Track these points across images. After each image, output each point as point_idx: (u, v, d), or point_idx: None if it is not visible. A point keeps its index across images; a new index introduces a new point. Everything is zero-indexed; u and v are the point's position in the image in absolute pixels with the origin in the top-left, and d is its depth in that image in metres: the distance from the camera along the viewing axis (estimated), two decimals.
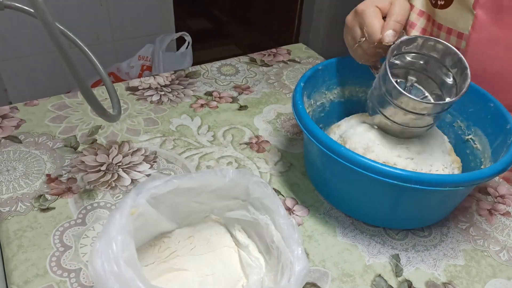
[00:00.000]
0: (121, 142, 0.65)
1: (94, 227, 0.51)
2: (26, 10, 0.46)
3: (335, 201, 0.57)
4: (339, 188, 0.54)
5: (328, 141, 0.47)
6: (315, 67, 0.59)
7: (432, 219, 0.55)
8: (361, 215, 0.55)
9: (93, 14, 1.69)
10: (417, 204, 0.51)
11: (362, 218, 0.55)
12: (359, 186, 0.51)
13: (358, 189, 0.52)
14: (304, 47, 0.96)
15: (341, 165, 0.46)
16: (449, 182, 0.44)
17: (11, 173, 0.58)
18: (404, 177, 0.43)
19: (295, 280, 0.38)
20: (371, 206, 0.53)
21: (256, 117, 0.73)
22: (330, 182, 0.55)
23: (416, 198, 0.50)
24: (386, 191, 0.49)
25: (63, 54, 0.34)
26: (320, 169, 0.56)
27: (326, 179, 0.56)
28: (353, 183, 0.51)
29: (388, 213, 0.53)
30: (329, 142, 0.46)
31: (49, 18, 0.31)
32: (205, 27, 2.95)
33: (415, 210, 0.52)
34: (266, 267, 0.44)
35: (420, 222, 0.55)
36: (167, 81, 0.81)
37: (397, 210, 0.53)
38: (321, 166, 0.55)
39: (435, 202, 0.52)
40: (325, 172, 0.55)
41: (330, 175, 0.54)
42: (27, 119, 0.68)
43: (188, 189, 0.43)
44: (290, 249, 0.40)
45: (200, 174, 0.44)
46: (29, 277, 0.46)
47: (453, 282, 0.49)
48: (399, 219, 0.54)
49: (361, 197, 0.53)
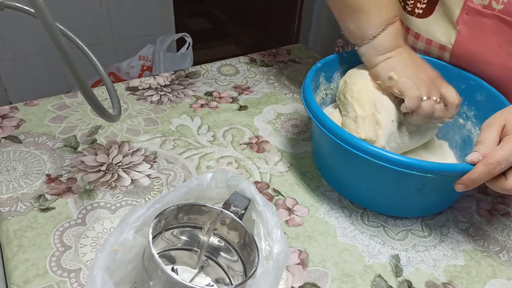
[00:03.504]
0: (121, 142, 0.65)
1: (94, 227, 0.51)
2: (26, 10, 0.46)
3: (342, 189, 0.58)
4: (346, 174, 0.56)
5: (336, 129, 0.48)
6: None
7: (433, 208, 0.57)
8: (367, 203, 0.57)
9: (93, 14, 1.69)
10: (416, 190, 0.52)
11: (369, 206, 0.57)
12: (363, 171, 0.52)
13: (363, 174, 0.53)
14: (304, 47, 0.96)
15: (348, 152, 0.47)
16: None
17: (11, 173, 0.58)
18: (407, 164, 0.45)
19: (274, 263, 0.37)
20: (377, 193, 0.55)
21: (256, 117, 0.73)
22: (336, 169, 0.57)
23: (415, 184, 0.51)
24: (391, 177, 0.51)
25: (63, 54, 0.34)
26: (327, 156, 0.58)
27: (332, 165, 0.57)
28: (357, 168, 0.53)
29: (394, 199, 0.55)
30: (337, 130, 0.48)
31: (49, 18, 0.31)
32: (205, 27, 2.95)
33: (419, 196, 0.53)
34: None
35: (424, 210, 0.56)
36: (167, 81, 0.81)
37: (404, 197, 0.54)
38: (328, 152, 0.57)
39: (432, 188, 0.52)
40: (332, 158, 0.57)
41: (337, 162, 0.56)
42: (27, 119, 0.68)
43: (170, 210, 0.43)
44: (269, 233, 0.40)
45: (177, 188, 0.43)
46: (29, 277, 0.46)
47: (453, 282, 0.49)
48: (406, 206, 0.55)
49: (365, 183, 0.54)
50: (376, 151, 0.46)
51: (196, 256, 0.45)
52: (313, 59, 0.92)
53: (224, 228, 0.43)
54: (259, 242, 0.41)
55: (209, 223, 0.44)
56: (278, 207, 0.56)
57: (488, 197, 0.61)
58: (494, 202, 0.60)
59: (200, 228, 0.44)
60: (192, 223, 0.44)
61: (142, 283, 0.38)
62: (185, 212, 0.43)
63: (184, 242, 0.45)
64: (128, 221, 0.39)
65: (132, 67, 1.69)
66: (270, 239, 0.40)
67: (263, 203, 0.43)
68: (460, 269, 0.50)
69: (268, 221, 0.41)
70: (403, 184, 0.51)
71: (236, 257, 0.44)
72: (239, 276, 0.43)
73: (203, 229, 0.44)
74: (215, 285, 0.45)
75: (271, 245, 0.39)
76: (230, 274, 0.45)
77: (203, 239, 0.45)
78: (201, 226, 0.44)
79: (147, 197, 0.56)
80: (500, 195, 0.61)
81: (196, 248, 0.45)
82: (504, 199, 0.61)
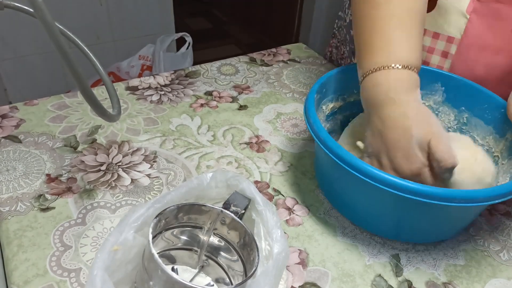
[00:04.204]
0: (121, 142, 0.65)
1: (94, 226, 0.51)
2: (26, 10, 0.46)
3: (343, 209, 0.55)
4: (350, 198, 0.53)
5: (339, 150, 0.45)
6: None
7: (442, 235, 0.54)
8: (371, 226, 0.53)
9: (93, 14, 1.69)
10: (430, 218, 0.49)
11: (370, 228, 0.54)
12: (368, 196, 0.49)
13: (367, 199, 0.50)
14: (304, 47, 0.96)
15: (353, 177, 0.44)
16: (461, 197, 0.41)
17: (11, 173, 0.58)
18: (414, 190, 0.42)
19: (274, 263, 0.37)
20: (381, 218, 0.52)
21: (256, 117, 0.73)
22: (341, 193, 0.54)
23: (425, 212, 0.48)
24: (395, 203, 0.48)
25: (63, 54, 0.34)
26: (332, 179, 0.55)
27: (337, 188, 0.54)
28: (363, 193, 0.50)
29: (399, 226, 0.51)
30: (340, 152, 0.45)
31: (49, 18, 0.31)
32: (205, 27, 2.95)
33: (429, 224, 0.50)
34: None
35: (430, 237, 0.53)
36: (167, 81, 0.81)
37: (408, 223, 0.51)
38: (332, 175, 0.54)
39: (445, 217, 0.49)
40: (335, 181, 0.54)
41: (341, 185, 0.53)
42: (27, 118, 0.68)
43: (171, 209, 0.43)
44: (269, 232, 0.40)
45: (177, 188, 0.43)
46: (29, 277, 0.46)
47: (453, 282, 0.49)
48: (408, 232, 0.52)
49: (368, 207, 0.51)
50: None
51: (196, 256, 0.45)
52: (313, 59, 0.92)
53: (224, 227, 0.43)
54: (259, 242, 0.41)
55: (209, 222, 0.44)
56: (278, 206, 0.56)
57: None
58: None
59: (200, 228, 0.44)
60: (192, 223, 0.44)
61: (142, 283, 0.38)
62: (185, 211, 0.43)
63: (184, 242, 0.45)
64: (128, 221, 0.39)
65: (132, 67, 1.69)
66: (270, 239, 0.40)
67: (263, 202, 0.43)
68: (460, 269, 0.50)
69: (268, 220, 0.41)
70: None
71: (236, 256, 0.44)
72: (239, 275, 0.43)
73: (203, 229, 0.44)
74: (215, 284, 0.45)
75: (271, 244, 0.39)
76: (230, 273, 0.45)
77: (203, 238, 0.45)
78: (201, 226, 0.44)
79: (147, 197, 0.56)
80: None
81: (196, 248, 0.45)
82: None
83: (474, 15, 0.57)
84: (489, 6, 0.55)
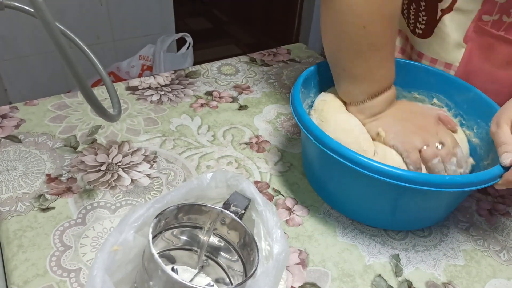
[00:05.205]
0: (121, 142, 0.65)
1: (94, 227, 0.51)
2: (26, 10, 0.46)
3: (333, 201, 0.56)
4: (337, 188, 0.54)
5: (327, 140, 0.46)
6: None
7: (433, 220, 0.55)
8: (360, 215, 0.55)
9: (93, 14, 1.69)
10: (417, 205, 0.51)
11: (361, 219, 0.55)
12: (358, 186, 0.51)
13: (357, 189, 0.51)
14: (304, 47, 0.96)
15: (340, 165, 0.46)
16: (448, 183, 0.43)
17: (11, 173, 0.58)
18: (406, 177, 0.43)
19: (274, 263, 0.37)
20: (369, 207, 0.53)
21: (256, 117, 0.73)
22: (328, 183, 0.55)
23: (417, 199, 0.50)
24: (386, 191, 0.49)
25: (63, 54, 0.34)
26: (318, 170, 0.56)
27: (324, 180, 0.56)
28: (352, 183, 0.51)
29: (387, 214, 0.53)
30: (328, 141, 0.46)
31: (49, 18, 0.31)
32: (205, 27, 2.95)
33: (416, 210, 0.52)
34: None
35: (420, 223, 0.55)
36: (167, 81, 0.81)
37: (397, 211, 0.52)
38: (319, 165, 0.55)
39: (436, 202, 0.51)
40: (323, 172, 0.55)
41: (329, 176, 0.54)
42: (27, 119, 0.68)
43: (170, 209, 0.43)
44: (269, 232, 0.40)
45: (177, 188, 0.43)
46: (29, 277, 0.46)
47: (453, 282, 0.49)
48: (399, 220, 0.54)
49: (359, 198, 0.53)
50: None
51: (196, 256, 0.45)
52: (313, 59, 0.92)
53: (224, 228, 0.43)
54: (259, 242, 0.41)
55: (209, 223, 0.44)
56: (278, 207, 0.56)
57: (488, 197, 0.61)
58: (494, 202, 0.60)
59: (200, 228, 0.44)
60: (192, 223, 0.44)
61: (142, 283, 0.38)
62: (185, 212, 0.43)
63: (184, 242, 0.45)
64: (128, 221, 0.39)
65: (132, 67, 1.69)
66: (270, 239, 0.40)
67: (263, 203, 0.43)
68: (460, 269, 0.50)
69: (268, 221, 0.41)
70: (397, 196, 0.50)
71: (236, 257, 0.44)
72: (239, 276, 0.43)
73: (203, 229, 0.44)
74: (215, 285, 0.45)
75: (271, 245, 0.39)
76: (230, 274, 0.45)
77: (203, 239, 0.45)
78: (201, 226, 0.44)
79: (147, 197, 0.56)
80: (500, 194, 0.61)
81: (196, 248, 0.45)
82: (504, 199, 0.61)
83: (471, 44, 0.57)
84: (483, 38, 0.56)
